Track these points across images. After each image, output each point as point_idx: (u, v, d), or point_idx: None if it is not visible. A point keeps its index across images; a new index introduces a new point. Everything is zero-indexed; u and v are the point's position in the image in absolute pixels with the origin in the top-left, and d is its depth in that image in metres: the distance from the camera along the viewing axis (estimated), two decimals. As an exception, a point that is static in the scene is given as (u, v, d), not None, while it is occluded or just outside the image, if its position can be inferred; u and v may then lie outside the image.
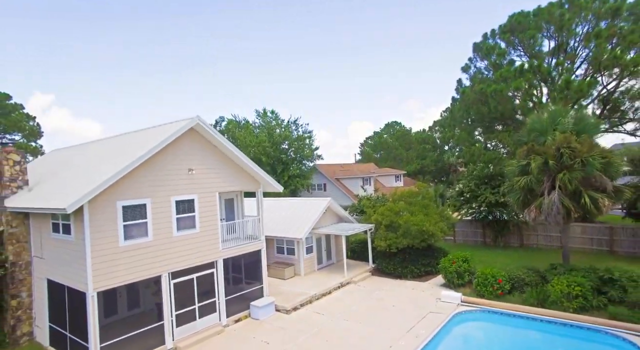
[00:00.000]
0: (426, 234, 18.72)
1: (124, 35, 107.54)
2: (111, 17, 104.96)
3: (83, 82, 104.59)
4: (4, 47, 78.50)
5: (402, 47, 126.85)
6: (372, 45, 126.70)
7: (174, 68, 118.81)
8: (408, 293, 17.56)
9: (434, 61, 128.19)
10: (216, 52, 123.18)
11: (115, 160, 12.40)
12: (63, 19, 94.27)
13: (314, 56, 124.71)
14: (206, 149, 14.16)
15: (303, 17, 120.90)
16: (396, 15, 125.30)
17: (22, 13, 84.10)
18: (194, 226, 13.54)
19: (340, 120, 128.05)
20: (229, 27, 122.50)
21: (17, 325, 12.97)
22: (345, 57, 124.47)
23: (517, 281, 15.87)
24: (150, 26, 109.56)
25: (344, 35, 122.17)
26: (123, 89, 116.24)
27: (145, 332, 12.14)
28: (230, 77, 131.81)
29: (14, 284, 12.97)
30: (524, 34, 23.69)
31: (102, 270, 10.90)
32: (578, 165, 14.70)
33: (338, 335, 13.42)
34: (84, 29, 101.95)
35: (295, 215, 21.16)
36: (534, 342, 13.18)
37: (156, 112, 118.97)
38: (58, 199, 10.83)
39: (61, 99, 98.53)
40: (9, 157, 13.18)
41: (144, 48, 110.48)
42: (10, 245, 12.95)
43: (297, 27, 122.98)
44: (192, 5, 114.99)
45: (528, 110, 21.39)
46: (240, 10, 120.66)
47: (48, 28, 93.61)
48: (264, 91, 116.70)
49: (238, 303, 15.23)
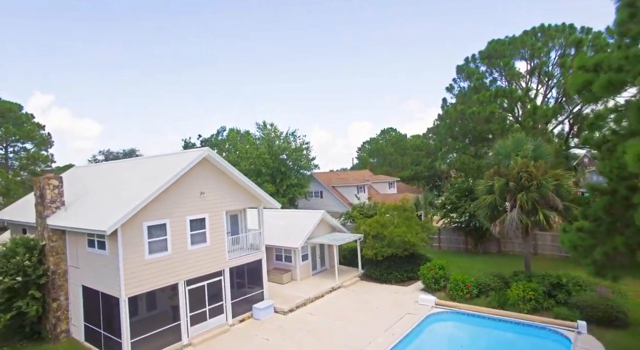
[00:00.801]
0: (408, 244, 21.17)
1: (124, 35, 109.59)
2: (111, 17, 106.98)
3: (83, 82, 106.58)
4: (4, 47, 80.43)
5: (402, 47, 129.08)
6: (372, 45, 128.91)
7: (174, 68, 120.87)
8: (391, 296, 19.98)
9: (434, 61, 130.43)
10: (216, 52, 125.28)
11: (140, 185, 14.82)
12: (63, 19, 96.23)
13: (314, 56, 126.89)
14: (215, 175, 16.60)
15: (303, 17, 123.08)
16: (396, 15, 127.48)
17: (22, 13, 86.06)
18: (205, 241, 15.98)
19: (340, 120, 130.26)
20: (229, 27, 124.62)
21: (57, 324, 15.41)
22: (345, 57, 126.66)
23: (483, 286, 18.31)
24: (150, 26, 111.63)
25: (344, 35, 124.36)
26: (123, 89, 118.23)
27: (165, 330, 14.56)
28: (230, 77, 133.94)
29: (54, 289, 15.41)
30: (500, 60, 26.16)
31: (131, 280, 13.33)
32: (534, 187, 17.16)
33: (328, 333, 15.83)
34: (84, 29, 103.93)
35: (292, 225, 23.57)
36: (491, 338, 15.64)
37: (156, 112, 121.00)
38: (97, 221, 13.25)
39: (61, 99, 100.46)
40: (50, 182, 15.61)
41: (144, 48, 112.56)
42: (51, 257, 15.38)
43: (297, 27, 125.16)
44: (192, 5, 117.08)
45: (502, 132, 23.82)
46: (240, 10, 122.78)
47: (48, 28, 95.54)
48: (264, 91, 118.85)
49: (242, 305, 17.66)
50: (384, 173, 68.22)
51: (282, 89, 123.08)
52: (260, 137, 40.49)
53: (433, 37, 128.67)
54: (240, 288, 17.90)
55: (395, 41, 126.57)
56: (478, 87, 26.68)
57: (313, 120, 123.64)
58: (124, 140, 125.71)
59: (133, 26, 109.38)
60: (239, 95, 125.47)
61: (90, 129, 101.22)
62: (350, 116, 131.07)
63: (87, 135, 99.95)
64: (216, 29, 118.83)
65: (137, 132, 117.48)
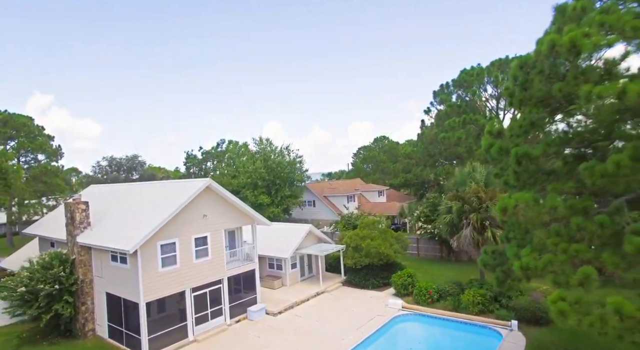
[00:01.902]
0: (382, 254, 24.44)
1: (124, 35, 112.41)
2: (111, 17, 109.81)
3: (83, 82, 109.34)
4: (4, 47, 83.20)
5: (402, 47, 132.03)
6: (372, 45, 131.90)
7: (174, 68, 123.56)
8: (367, 300, 23.23)
9: (434, 61, 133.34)
10: (216, 52, 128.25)
11: (155, 209, 18.07)
12: (63, 19, 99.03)
13: (314, 56, 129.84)
14: (215, 199, 19.85)
15: (303, 17, 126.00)
16: (396, 15, 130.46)
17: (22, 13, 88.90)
18: (207, 255, 19.24)
19: (340, 120, 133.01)
20: (229, 27, 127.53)
21: (85, 323, 18.67)
22: (345, 57, 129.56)
23: (443, 292, 21.56)
24: (150, 26, 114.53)
25: (344, 35, 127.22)
26: (123, 89, 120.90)
27: (175, 329, 17.81)
28: (230, 77, 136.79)
29: (83, 295, 18.67)
30: (469, 89, 29.49)
31: (148, 288, 16.59)
32: (483, 209, 20.46)
33: (310, 331, 19.08)
34: (84, 29, 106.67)
35: (283, 236, 26.81)
36: (443, 335, 18.93)
37: (156, 112, 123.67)
38: (121, 242, 16.52)
39: (61, 99, 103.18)
40: (79, 207, 18.87)
41: (144, 48, 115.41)
42: (80, 268, 18.64)
43: (297, 27, 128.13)
44: (192, 5, 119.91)
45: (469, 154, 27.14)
46: (240, 10, 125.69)
47: (48, 28, 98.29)
48: (264, 91, 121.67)
49: (238, 308, 20.90)
50: (376, 179, 71.62)
51: (282, 89, 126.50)
52: (257, 151, 43.82)
53: (433, 37, 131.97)
54: (237, 293, 21.14)
55: (395, 41, 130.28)
56: (449, 113, 30.01)
57: (313, 120, 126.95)
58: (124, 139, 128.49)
59: (133, 26, 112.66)
60: (239, 95, 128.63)
61: (90, 129, 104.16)
62: (350, 116, 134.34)
63: (87, 136, 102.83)
64: (216, 29, 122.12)
65: (137, 132, 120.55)
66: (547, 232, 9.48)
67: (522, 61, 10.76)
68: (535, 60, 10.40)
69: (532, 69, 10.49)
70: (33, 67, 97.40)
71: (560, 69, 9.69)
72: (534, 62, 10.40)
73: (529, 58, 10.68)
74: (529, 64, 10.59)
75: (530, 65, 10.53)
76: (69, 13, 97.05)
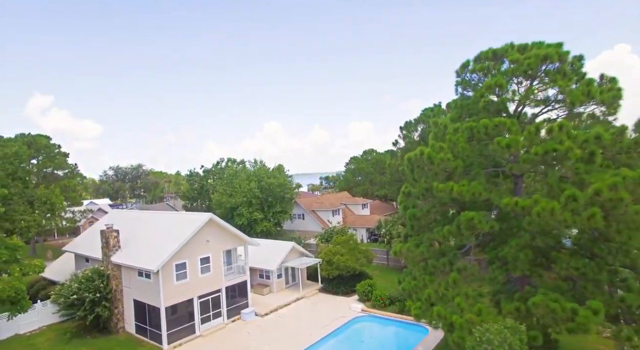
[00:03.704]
0: (349, 267, 30.48)
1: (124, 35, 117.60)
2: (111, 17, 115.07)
3: (83, 82, 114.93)
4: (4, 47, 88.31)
5: (402, 47, 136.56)
6: (372, 46, 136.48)
7: (174, 68, 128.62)
8: (336, 304, 29.24)
9: (434, 61, 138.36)
10: (217, 53, 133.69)
11: (169, 237, 24.06)
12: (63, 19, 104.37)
13: (314, 57, 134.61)
14: (215, 227, 25.86)
15: (303, 17, 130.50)
16: (396, 15, 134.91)
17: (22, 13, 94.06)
18: (209, 270, 25.26)
19: (340, 120, 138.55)
20: (229, 27, 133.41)
21: (117, 323, 24.71)
22: (345, 58, 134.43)
23: (393, 298, 27.56)
24: (150, 26, 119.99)
25: (344, 36, 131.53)
26: (123, 89, 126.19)
27: (185, 327, 23.82)
28: (230, 77, 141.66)
29: (115, 301, 24.70)
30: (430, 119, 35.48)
31: (167, 296, 22.59)
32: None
33: (289, 328, 25.08)
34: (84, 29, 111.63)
35: (271, 251, 32.78)
36: (387, 331, 24.96)
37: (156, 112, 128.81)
38: (147, 263, 22.51)
39: (61, 99, 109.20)
40: (112, 234, 24.90)
41: (144, 48, 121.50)
42: (113, 281, 24.68)
43: (297, 28, 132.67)
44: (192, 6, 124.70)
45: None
46: (240, 11, 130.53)
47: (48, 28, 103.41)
48: (264, 91, 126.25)
49: (234, 311, 26.90)
50: (365, 189, 77.41)
51: (282, 89, 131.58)
52: (252, 172, 49.86)
53: (433, 37, 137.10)
54: (233, 299, 27.14)
55: (395, 41, 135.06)
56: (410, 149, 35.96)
57: (313, 120, 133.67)
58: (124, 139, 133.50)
59: (133, 26, 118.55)
60: (239, 95, 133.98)
61: (90, 129, 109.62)
62: (350, 116, 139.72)
63: (87, 136, 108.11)
64: (216, 29, 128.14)
65: (137, 132, 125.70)
66: (418, 267, 15.54)
67: (409, 158, 16.81)
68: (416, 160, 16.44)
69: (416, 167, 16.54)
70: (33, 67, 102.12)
71: (426, 169, 15.76)
72: (416, 161, 16.43)
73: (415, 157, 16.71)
74: (413, 161, 16.61)
75: (414, 163, 16.55)
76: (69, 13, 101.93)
